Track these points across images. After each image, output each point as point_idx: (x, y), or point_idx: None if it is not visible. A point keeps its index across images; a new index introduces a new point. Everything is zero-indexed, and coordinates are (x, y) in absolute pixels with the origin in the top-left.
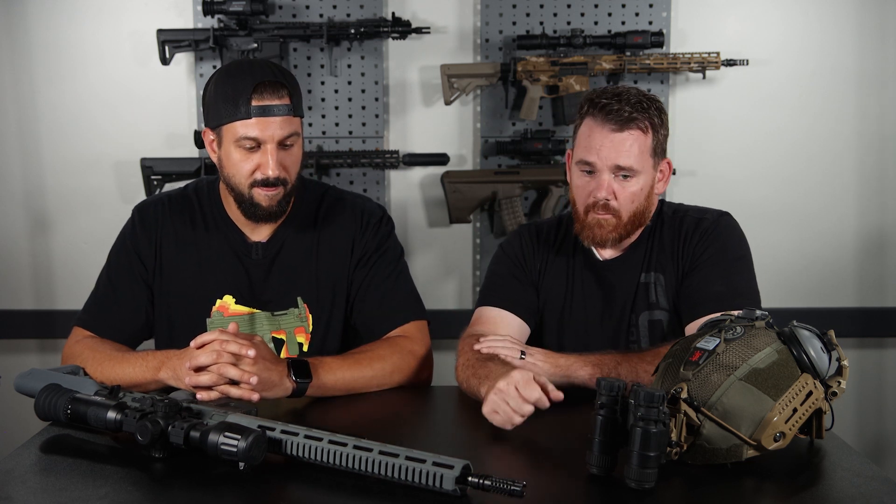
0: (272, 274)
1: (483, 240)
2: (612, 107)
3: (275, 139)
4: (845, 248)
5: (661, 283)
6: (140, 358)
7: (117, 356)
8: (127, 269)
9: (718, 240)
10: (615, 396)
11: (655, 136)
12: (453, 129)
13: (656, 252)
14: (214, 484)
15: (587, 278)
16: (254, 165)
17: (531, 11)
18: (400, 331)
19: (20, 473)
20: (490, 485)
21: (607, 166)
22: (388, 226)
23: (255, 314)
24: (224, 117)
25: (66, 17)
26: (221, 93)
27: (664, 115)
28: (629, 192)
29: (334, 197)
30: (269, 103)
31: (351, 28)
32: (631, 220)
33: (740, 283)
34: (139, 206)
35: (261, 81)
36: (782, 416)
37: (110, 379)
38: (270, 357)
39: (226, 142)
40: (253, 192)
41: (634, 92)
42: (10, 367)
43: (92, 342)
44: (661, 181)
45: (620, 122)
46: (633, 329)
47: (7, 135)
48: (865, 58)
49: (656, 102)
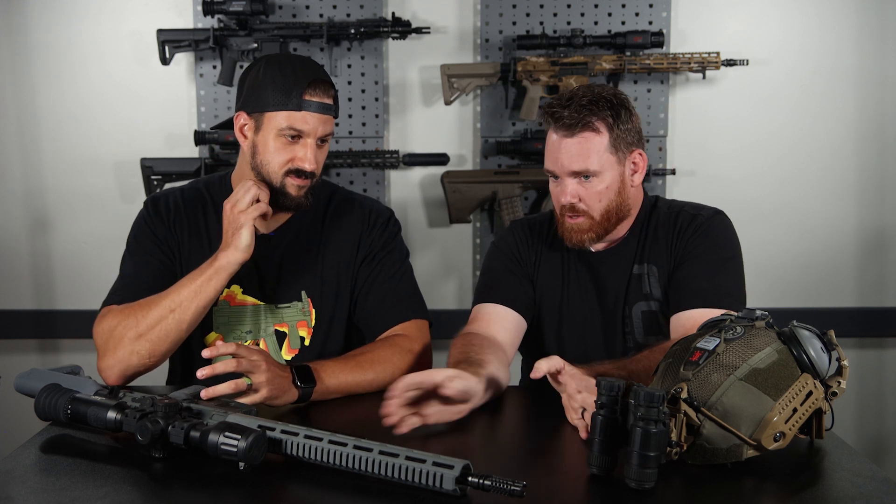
0: (278, 266)
1: (483, 240)
2: (561, 114)
3: (317, 135)
4: (845, 248)
5: (655, 275)
6: (188, 275)
7: (159, 293)
8: (149, 246)
9: (709, 237)
10: (615, 396)
11: (613, 132)
12: (453, 129)
13: (650, 243)
14: (214, 484)
15: (581, 271)
16: (291, 156)
17: (531, 11)
18: (400, 328)
19: (20, 473)
20: (490, 485)
21: (565, 172)
22: (395, 227)
23: (259, 306)
24: (271, 105)
25: (66, 18)
26: (272, 81)
27: (624, 109)
28: (594, 192)
29: (343, 196)
30: (319, 100)
31: (351, 28)
32: (605, 216)
33: (726, 281)
34: (151, 197)
35: (316, 78)
36: (782, 416)
37: (168, 307)
38: (278, 365)
39: (266, 129)
40: (286, 181)
41: (587, 93)
42: (10, 367)
43: (127, 305)
44: (636, 173)
45: (569, 128)
46: (628, 320)
47: (7, 135)
48: (865, 58)
49: (612, 99)
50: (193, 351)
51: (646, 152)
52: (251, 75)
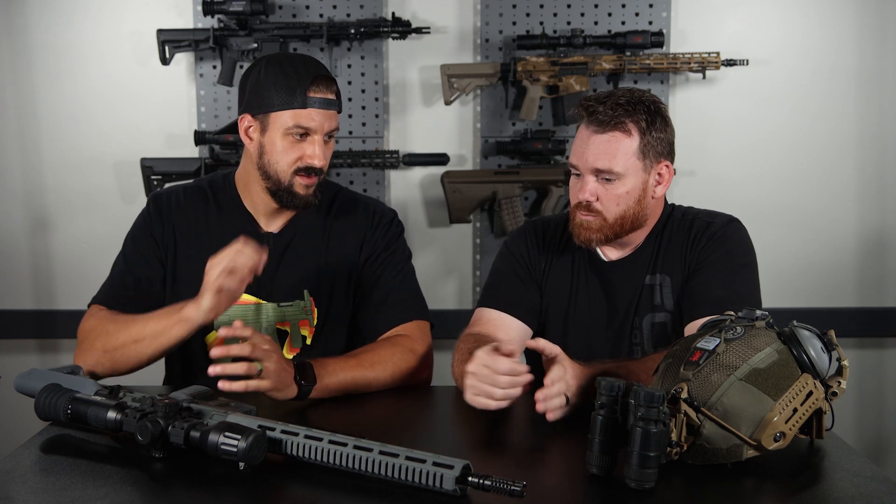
0: (281, 265)
1: (483, 240)
2: (595, 108)
3: (324, 130)
4: (845, 248)
5: (668, 285)
6: (160, 310)
7: (137, 317)
8: (143, 250)
9: (725, 244)
10: (615, 396)
11: (644, 137)
12: (453, 129)
13: (663, 253)
14: (214, 484)
15: (591, 279)
16: (299, 154)
17: (531, 11)
18: (401, 329)
19: (20, 473)
20: (490, 485)
21: (588, 169)
22: (398, 228)
23: (261, 305)
24: (276, 105)
25: (66, 18)
26: (274, 81)
27: (660, 117)
28: (613, 195)
29: (347, 196)
30: (323, 96)
31: (351, 28)
32: (618, 222)
33: (742, 288)
34: (155, 194)
35: (319, 75)
36: (782, 416)
37: (132, 337)
38: (285, 359)
39: (272, 129)
40: (294, 180)
41: (626, 93)
42: (10, 367)
43: (107, 313)
44: (660, 185)
45: (601, 124)
46: (637, 332)
47: (7, 135)
48: (865, 58)
49: (650, 105)
50: (194, 353)
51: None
52: (252, 77)
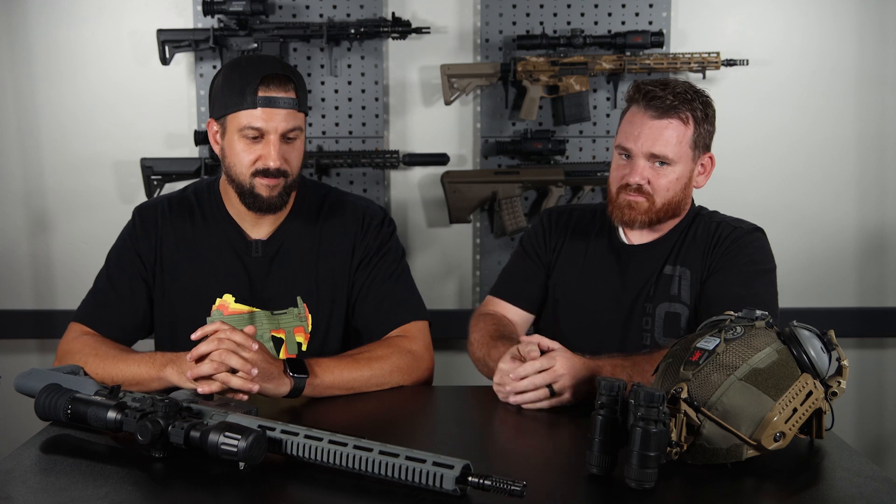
0: (272, 272)
1: (483, 240)
2: (656, 94)
3: (278, 131)
4: (845, 248)
5: (687, 278)
6: (145, 356)
7: (120, 355)
8: (127, 267)
9: (747, 249)
10: (615, 396)
11: (697, 128)
12: (453, 129)
13: (686, 247)
14: (214, 484)
15: (609, 261)
16: (256, 156)
17: (531, 11)
18: (400, 330)
19: (20, 473)
20: (490, 485)
21: (643, 153)
22: (389, 227)
23: (254, 313)
24: (230, 107)
25: (66, 18)
26: (228, 83)
27: (711, 110)
28: (665, 181)
29: (336, 198)
30: (274, 95)
31: (351, 28)
32: (664, 207)
33: (762, 291)
34: (139, 207)
35: (268, 74)
36: (782, 416)
37: (111, 377)
38: (269, 353)
39: (230, 131)
40: (254, 182)
41: (682, 84)
42: (10, 367)
43: (91, 339)
44: (703, 175)
45: (661, 111)
46: (648, 318)
47: (7, 135)
48: (865, 58)
49: (704, 97)
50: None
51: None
52: (215, 82)
